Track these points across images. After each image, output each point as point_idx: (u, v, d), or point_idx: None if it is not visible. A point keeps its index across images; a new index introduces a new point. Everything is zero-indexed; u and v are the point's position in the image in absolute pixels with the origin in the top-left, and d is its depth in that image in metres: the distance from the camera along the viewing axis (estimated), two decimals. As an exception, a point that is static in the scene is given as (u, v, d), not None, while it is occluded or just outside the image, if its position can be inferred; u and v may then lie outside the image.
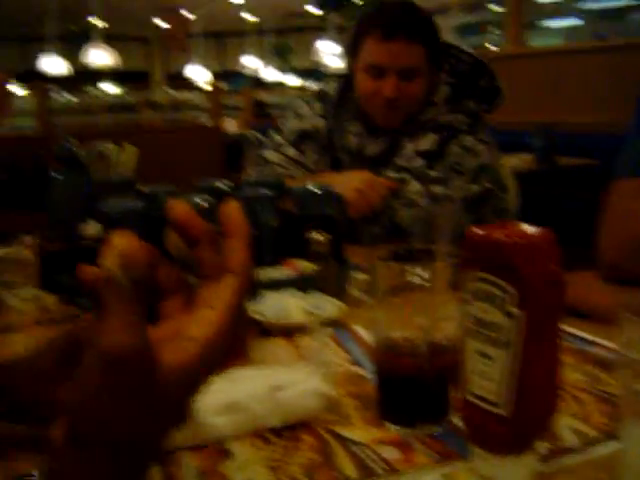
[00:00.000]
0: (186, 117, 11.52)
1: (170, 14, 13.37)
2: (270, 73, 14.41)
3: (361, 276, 1.36)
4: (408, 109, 1.96)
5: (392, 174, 1.94)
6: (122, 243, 0.44)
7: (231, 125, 10.15)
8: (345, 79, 2.10)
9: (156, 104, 12.02)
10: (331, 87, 2.13)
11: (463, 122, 1.98)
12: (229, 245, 0.48)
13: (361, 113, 2.03)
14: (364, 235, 1.87)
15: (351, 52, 2.02)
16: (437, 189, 1.90)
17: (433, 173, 1.92)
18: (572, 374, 0.94)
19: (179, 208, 0.48)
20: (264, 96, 11.72)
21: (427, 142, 1.96)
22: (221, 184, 1.46)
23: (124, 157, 4.35)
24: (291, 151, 2.09)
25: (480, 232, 0.66)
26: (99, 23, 9.97)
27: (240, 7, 14.09)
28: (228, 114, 10.79)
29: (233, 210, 0.50)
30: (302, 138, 2.10)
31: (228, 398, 0.78)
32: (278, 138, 2.14)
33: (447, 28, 14.87)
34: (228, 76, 16.72)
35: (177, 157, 6.75)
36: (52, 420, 0.46)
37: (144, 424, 0.45)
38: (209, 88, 9.41)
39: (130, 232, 0.45)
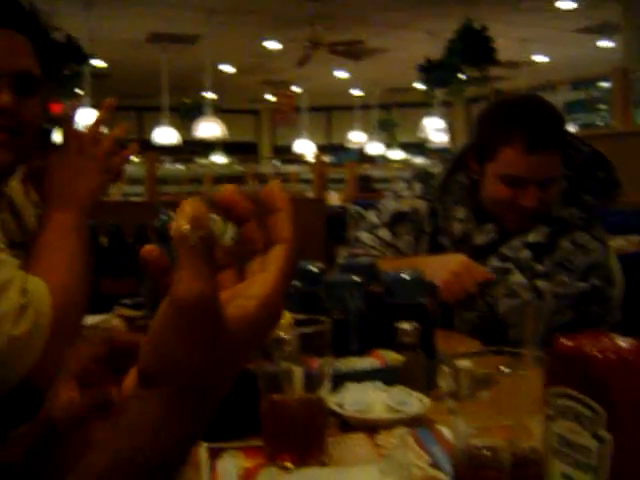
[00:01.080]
0: (292, 189, 11.72)
1: (279, 89, 13.74)
2: (375, 147, 14.56)
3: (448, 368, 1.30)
4: (542, 214, 1.87)
5: (496, 263, 1.86)
6: (191, 207, 0.49)
7: (334, 198, 10.26)
8: (453, 163, 2.02)
9: (263, 176, 12.29)
10: (436, 169, 2.07)
11: (578, 217, 1.88)
12: (274, 219, 0.53)
13: (469, 200, 1.96)
14: (458, 321, 1.82)
15: (483, 154, 1.91)
16: (541, 283, 1.82)
17: (539, 267, 1.84)
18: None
19: (226, 190, 0.53)
20: (368, 170, 11.84)
21: (537, 234, 1.87)
22: (313, 267, 1.45)
23: (229, 229, 4.45)
24: (385, 233, 2.05)
25: (570, 343, 0.61)
26: (211, 96, 10.33)
27: (347, 82, 14.38)
28: (332, 187, 10.94)
29: (275, 188, 0.54)
30: (398, 219, 2.05)
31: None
32: (374, 219, 2.10)
33: (556, 105, 14.75)
34: (333, 149, 17.00)
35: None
36: None
37: (208, 367, 0.50)
38: (314, 161, 9.55)
39: (198, 198, 0.50)
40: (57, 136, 1.49)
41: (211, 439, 1.00)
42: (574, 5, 8.81)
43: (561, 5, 8.79)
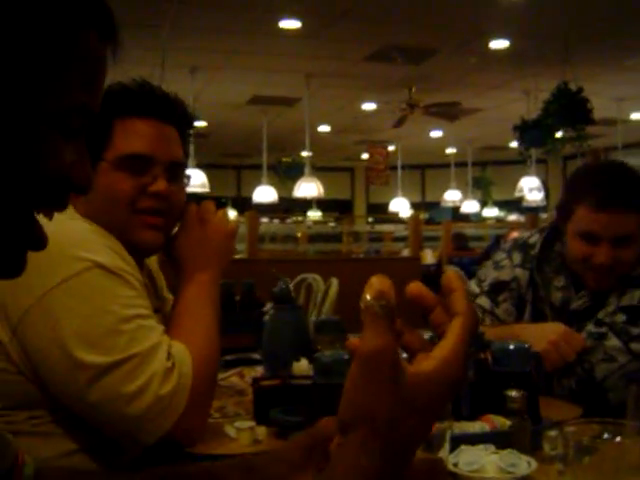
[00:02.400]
0: (387, 247, 11.84)
1: (374, 147, 13.93)
2: (470, 205, 14.56)
3: (553, 433, 1.39)
4: (621, 272, 1.96)
5: (592, 328, 1.94)
6: (377, 282, 0.60)
7: (429, 256, 10.32)
8: (550, 232, 2.14)
9: (358, 234, 12.48)
10: (535, 239, 2.17)
11: None
12: (452, 298, 0.63)
13: (566, 268, 2.06)
14: (557, 387, 1.90)
15: (563, 215, 2.04)
16: (636, 346, 1.88)
17: (634, 329, 1.90)
18: None
19: (413, 286, 0.63)
20: (463, 228, 11.86)
21: (631, 298, 1.95)
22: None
23: (331, 291, 4.55)
24: (484, 301, 2.15)
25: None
26: (308, 154, 10.60)
27: (441, 141, 14.48)
28: (427, 245, 11.00)
29: (451, 273, 0.65)
30: (498, 288, 2.15)
31: None
32: (474, 288, 2.20)
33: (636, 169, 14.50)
34: (428, 207, 17.05)
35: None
36: None
37: (392, 412, 0.58)
38: (410, 218, 9.67)
39: (383, 275, 0.61)
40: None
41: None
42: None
43: (659, 64, 8.76)
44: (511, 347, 1.47)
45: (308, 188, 9.58)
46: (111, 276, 1.39)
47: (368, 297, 0.60)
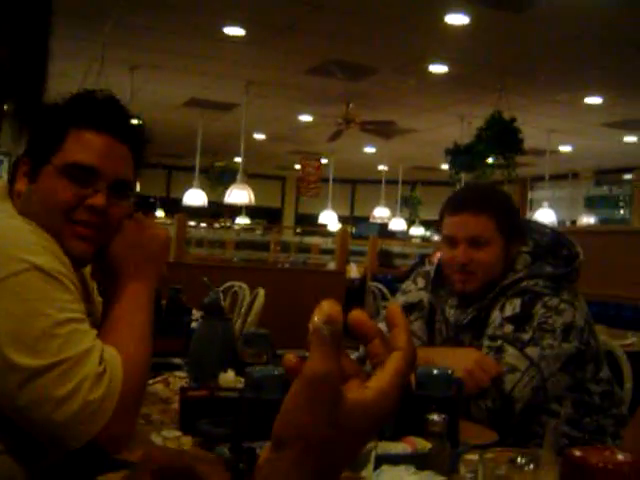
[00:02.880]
0: (314, 259, 11.90)
1: (307, 159, 14.00)
2: (397, 223, 14.75)
3: (470, 457, 1.44)
4: (482, 275, 2.16)
5: (488, 343, 2.07)
6: (327, 306, 0.61)
7: (353, 270, 10.40)
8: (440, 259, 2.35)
9: (285, 244, 12.50)
10: (432, 267, 2.39)
11: (543, 286, 2.12)
12: (394, 332, 0.65)
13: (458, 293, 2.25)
14: (474, 409, 1.97)
15: (437, 228, 2.34)
16: (532, 350, 2.01)
17: (524, 335, 2.04)
18: None
19: (355, 314, 0.64)
20: (390, 245, 12.01)
21: (512, 308, 2.11)
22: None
23: (257, 301, 4.58)
24: None
25: (578, 454, 0.77)
26: (239, 160, 10.59)
27: (374, 157, 14.64)
28: (353, 259, 11.09)
29: (395, 308, 0.67)
30: (409, 310, 2.34)
31: None
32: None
33: (576, 197, 14.98)
34: (356, 221, 17.21)
35: (302, 298, 7.00)
36: None
37: (328, 434, 0.60)
38: (337, 232, 9.74)
39: (334, 301, 0.62)
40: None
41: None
42: (600, 101, 9.07)
43: (589, 100, 9.06)
44: (435, 372, 1.53)
45: (239, 195, 9.58)
46: (49, 279, 1.39)
47: (317, 320, 0.61)
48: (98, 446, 1.39)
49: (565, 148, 12.49)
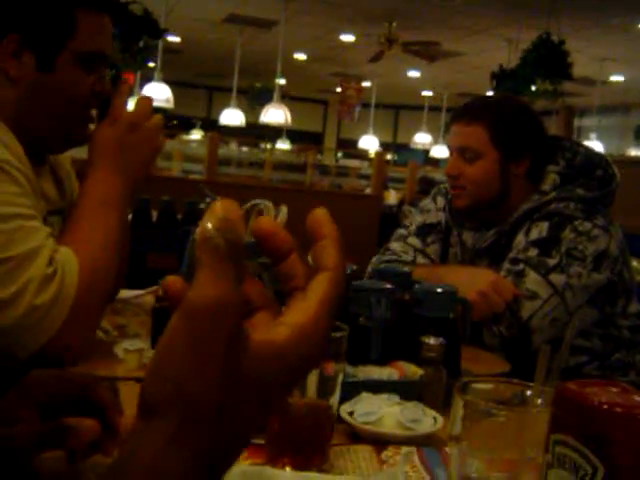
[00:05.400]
0: (352, 184, 11.72)
1: (348, 82, 13.70)
2: (440, 150, 14.41)
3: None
4: (472, 191, 1.97)
5: (509, 266, 1.87)
6: (223, 208, 0.42)
7: (392, 197, 10.21)
8: None
9: (325, 167, 12.30)
10: None
11: (574, 208, 1.91)
12: (319, 246, 0.46)
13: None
14: (487, 336, 1.79)
15: None
16: (557, 278, 1.81)
17: (550, 261, 1.83)
18: None
19: (264, 222, 0.45)
20: (430, 172, 11.75)
21: (539, 231, 1.91)
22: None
23: (279, 218, 4.43)
24: (414, 241, 2.13)
25: (575, 389, 0.57)
26: (280, 82, 10.35)
27: (418, 82, 14.28)
28: (393, 186, 10.89)
29: (321, 214, 0.48)
30: (426, 230, 2.15)
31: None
32: (402, 231, 2.19)
33: (626, 127, 14.46)
34: (399, 148, 16.92)
35: (336, 221, 6.85)
36: None
37: (221, 396, 0.40)
38: (373, 156, 9.54)
39: (232, 200, 0.43)
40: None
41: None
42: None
43: (644, 26, 8.60)
44: (436, 290, 1.32)
45: (276, 114, 9.36)
46: None
47: (209, 226, 0.41)
48: (49, 357, 1.24)
49: (616, 78, 11.98)
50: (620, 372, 1.95)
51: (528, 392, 0.76)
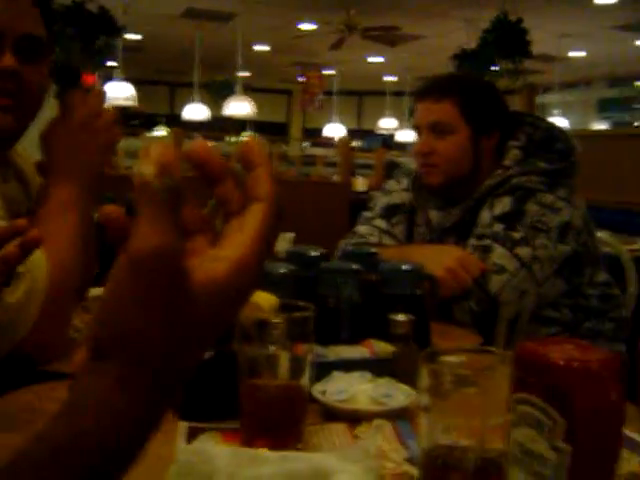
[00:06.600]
0: (319, 172, 11.69)
1: (310, 71, 13.68)
2: (405, 134, 14.43)
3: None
4: (445, 167, 1.98)
5: (474, 242, 1.89)
6: (159, 151, 0.42)
7: (360, 183, 10.21)
8: None
9: (290, 158, 12.26)
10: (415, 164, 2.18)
11: (537, 182, 1.93)
12: (252, 176, 0.47)
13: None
14: (458, 312, 1.81)
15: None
16: (523, 251, 1.83)
17: (515, 234, 1.85)
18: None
19: (198, 146, 0.46)
20: (397, 157, 11.76)
21: (502, 205, 1.92)
22: (309, 251, 1.44)
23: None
24: (381, 222, 2.14)
25: (533, 349, 0.59)
26: (243, 74, 10.31)
27: (380, 68, 14.28)
28: (361, 173, 10.87)
29: (252, 144, 0.48)
30: (391, 211, 2.15)
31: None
32: (367, 214, 2.19)
33: (589, 101, 14.59)
34: (364, 134, 16.91)
35: (304, 210, 6.83)
36: None
37: (169, 337, 0.43)
38: (338, 143, 9.52)
39: (169, 144, 0.43)
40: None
41: (190, 418, 1.00)
42: (613, 1, 8.66)
43: (599, 1, 8.65)
44: (402, 267, 1.34)
45: (238, 107, 9.34)
46: None
47: (144, 171, 0.41)
48: (24, 355, 1.24)
49: (576, 54, 12.07)
50: (591, 341, 1.98)
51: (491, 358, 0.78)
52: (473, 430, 0.73)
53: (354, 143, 12.63)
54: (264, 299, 0.97)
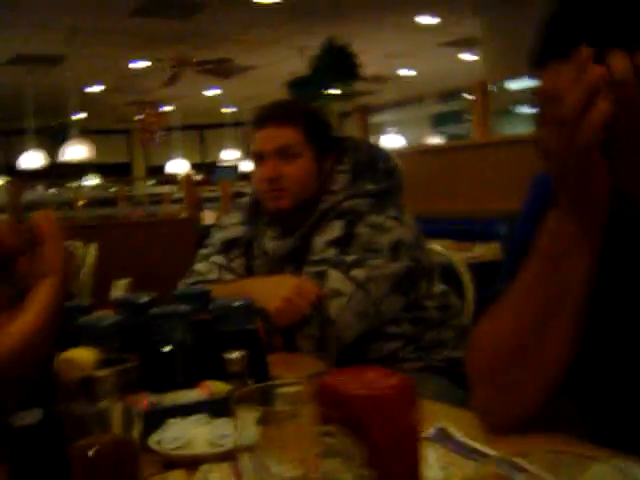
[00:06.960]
0: (167, 210, 11.54)
1: (145, 108, 13.54)
2: (248, 165, 14.49)
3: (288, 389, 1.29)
4: (295, 190, 1.99)
5: (310, 269, 1.91)
6: None
7: (209, 217, 10.15)
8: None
9: (136, 198, 12.06)
10: (247, 198, 2.21)
11: (364, 204, 1.97)
12: (43, 251, 0.51)
13: (277, 218, 2.08)
14: (301, 340, 1.82)
15: (249, 152, 2.13)
16: (357, 272, 1.86)
17: (349, 258, 1.88)
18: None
19: None
20: (243, 187, 11.77)
21: (333, 231, 1.95)
22: (138, 299, 1.41)
23: (87, 258, 4.32)
24: (219, 258, 2.12)
25: (331, 382, 0.60)
26: (79, 117, 10.06)
27: (218, 100, 14.30)
28: (209, 206, 10.80)
29: (42, 217, 0.52)
30: (228, 246, 2.14)
31: None
32: (204, 251, 2.17)
33: (423, 117, 15.12)
34: (209, 167, 16.86)
35: (151, 251, 6.70)
36: None
37: None
38: (181, 179, 9.47)
39: None
40: None
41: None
42: (435, 20, 9.05)
43: (421, 20, 9.02)
44: (232, 304, 1.34)
45: (76, 151, 9.12)
46: None
47: None
48: None
49: (405, 72, 12.52)
50: (434, 350, 2.03)
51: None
52: (302, 462, 0.74)
53: (198, 177, 12.56)
54: (81, 356, 0.94)
